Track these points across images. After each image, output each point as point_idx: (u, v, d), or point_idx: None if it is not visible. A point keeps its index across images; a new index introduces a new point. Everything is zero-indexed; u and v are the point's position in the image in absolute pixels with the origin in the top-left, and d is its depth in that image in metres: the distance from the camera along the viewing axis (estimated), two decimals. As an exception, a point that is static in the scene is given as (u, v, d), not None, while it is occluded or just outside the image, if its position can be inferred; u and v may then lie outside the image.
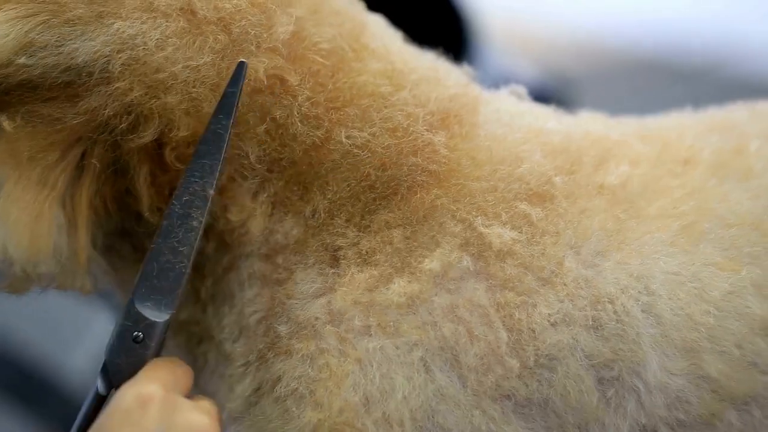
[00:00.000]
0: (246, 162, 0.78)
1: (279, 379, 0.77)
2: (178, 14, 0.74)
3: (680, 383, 0.77)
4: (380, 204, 0.78)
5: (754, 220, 0.79)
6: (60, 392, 1.98)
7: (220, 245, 0.80)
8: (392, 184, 0.78)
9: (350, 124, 0.78)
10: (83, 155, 0.75)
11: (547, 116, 0.85)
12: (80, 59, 0.73)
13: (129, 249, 0.82)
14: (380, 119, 0.79)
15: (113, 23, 0.73)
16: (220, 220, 0.79)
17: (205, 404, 0.72)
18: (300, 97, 0.77)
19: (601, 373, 0.77)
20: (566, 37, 3.81)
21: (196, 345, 0.83)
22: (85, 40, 0.73)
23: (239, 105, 0.75)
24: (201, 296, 0.82)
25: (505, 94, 0.87)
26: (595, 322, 0.77)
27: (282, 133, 0.77)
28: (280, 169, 0.78)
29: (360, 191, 0.78)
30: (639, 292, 0.77)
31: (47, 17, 0.73)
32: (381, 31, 0.83)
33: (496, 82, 0.91)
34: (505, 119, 0.82)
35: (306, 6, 0.79)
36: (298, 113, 0.77)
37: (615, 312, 0.77)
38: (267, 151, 0.78)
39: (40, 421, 1.96)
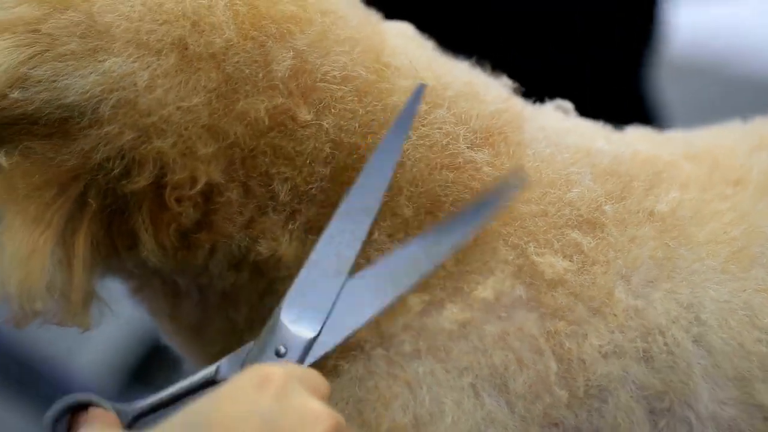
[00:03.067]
0: (274, 201, 0.76)
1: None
2: (169, 50, 0.72)
3: (732, 413, 0.76)
4: (421, 219, 0.77)
5: None
6: (68, 391, 1.97)
7: (254, 274, 0.79)
8: (431, 199, 0.77)
9: None
10: (82, 193, 0.72)
11: (595, 134, 0.84)
12: (70, 98, 0.71)
13: (158, 282, 0.81)
14: (417, 137, 0.77)
15: (105, 60, 0.71)
16: (250, 253, 0.77)
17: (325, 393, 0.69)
18: (325, 125, 0.75)
19: (653, 405, 0.76)
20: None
21: None
22: (77, 77, 0.71)
23: (410, 128, 0.76)
24: (239, 326, 0.81)
25: (550, 109, 0.85)
26: (645, 353, 0.76)
27: (310, 163, 0.76)
28: (310, 197, 0.77)
29: (395, 206, 0.77)
30: (689, 322, 0.76)
31: (41, 50, 0.71)
32: (405, 45, 0.81)
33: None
34: (553, 138, 0.81)
35: (310, 36, 0.76)
36: (326, 141, 0.75)
37: (666, 344, 0.76)
38: (294, 186, 0.76)
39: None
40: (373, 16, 0.82)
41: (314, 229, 0.77)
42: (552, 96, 0.86)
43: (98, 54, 0.71)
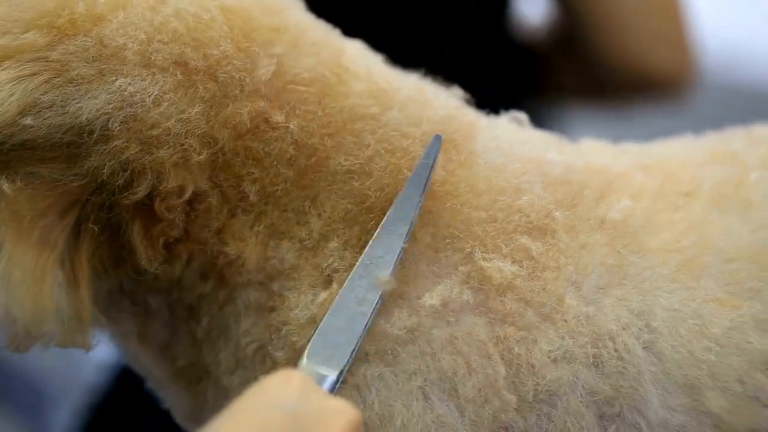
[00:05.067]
0: (244, 203, 0.78)
1: None
2: (174, 68, 0.74)
3: (682, 419, 0.77)
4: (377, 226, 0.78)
5: (754, 254, 0.79)
6: (65, 406, 1.97)
7: (217, 282, 0.80)
8: (389, 202, 0.78)
9: (346, 150, 0.78)
10: (79, 217, 0.74)
11: (548, 145, 0.85)
12: (84, 117, 0.72)
13: (128, 303, 0.82)
14: (376, 141, 0.79)
15: (115, 80, 0.73)
16: (219, 257, 0.78)
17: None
18: (291, 126, 0.77)
19: (603, 410, 0.77)
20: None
21: (195, 385, 0.83)
22: (89, 98, 0.72)
23: (430, 178, 0.77)
24: (197, 337, 0.82)
25: (504, 120, 0.86)
26: (596, 359, 0.77)
27: (276, 164, 0.77)
28: (275, 199, 0.78)
29: (357, 213, 0.78)
30: (640, 329, 0.77)
31: (51, 76, 0.72)
32: (360, 54, 0.83)
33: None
34: (505, 148, 0.82)
35: (285, 42, 0.79)
36: (291, 142, 0.77)
37: (616, 350, 0.77)
38: (261, 186, 0.78)
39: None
40: (332, 29, 0.85)
41: (276, 234, 0.78)
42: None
43: (108, 75, 0.73)
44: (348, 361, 0.74)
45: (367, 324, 0.74)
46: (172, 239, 0.77)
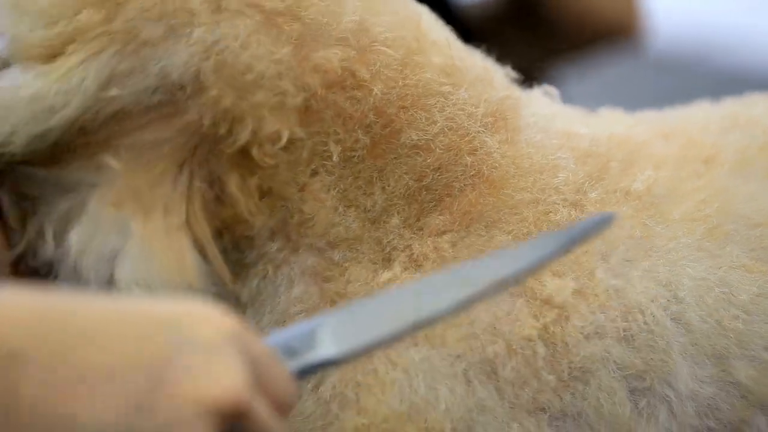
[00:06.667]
0: (328, 162, 0.75)
1: (322, 380, 0.75)
2: (249, 10, 0.72)
3: (710, 390, 0.77)
4: (434, 207, 0.77)
5: None
6: None
7: (283, 242, 0.77)
8: (446, 186, 0.77)
9: (417, 125, 0.76)
10: (190, 178, 0.72)
11: (575, 118, 0.84)
12: (174, 75, 0.71)
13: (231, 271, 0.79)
14: (444, 118, 0.77)
15: (191, 32, 0.71)
16: (294, 216, 0.76)
17: None
18: (375, 90, 0.75)
19: (633, 384, 0.76)
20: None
21: None
22: (170, 55, 0.71)
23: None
24: (242, 301, 0.79)
25: (538, 94, 0.85)
26: (626, 333, 0.76)
27: (356, 128, 0.75)
28: (351, 165, 0.76)
29: (416, 192, 0.77)
30: (668, 300, 0.77)
31: (120, 46, 0.71)
32: (434, 20, 0.81)
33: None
34: (542, 123, 0.81)
35: None
36: (372, 107, 0.75)
37: (645, 323, 0.76)
38: (343, 149, 0.75)
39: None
40: None
41: (345, 200, 0.76)
42: None
43: (180, 29, 0.71)
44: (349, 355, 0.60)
45: (399, 334, 0.61)
46: (263, 192, 0.75)
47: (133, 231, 0.71)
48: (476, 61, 0.81)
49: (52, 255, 0.73)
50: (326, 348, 0.59)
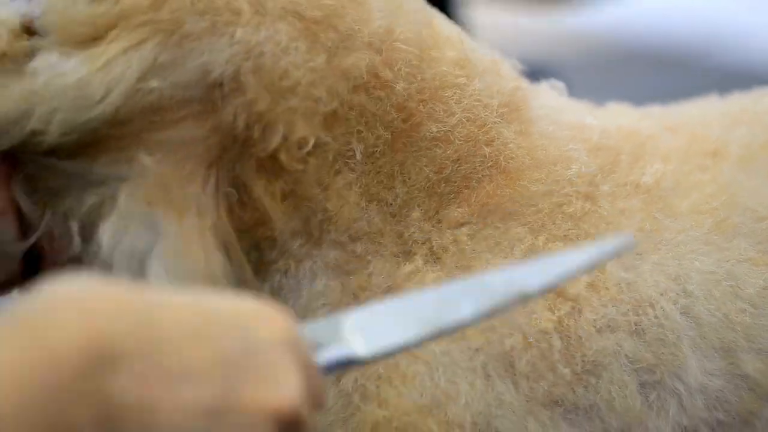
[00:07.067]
0: (351, 161, 0.75)
1: (344, 372, 0.74)
2: (291, 17, 0.71)
3: (719, 384, 0.77)
4: (453, 199, 0.77)
5: None
6: None
7: (305, 239, 0.76)
8: (465, 177, 0.77)
9: (436, 117, 0.76)
10: (218, 180, 0.71)
11: (584, 111, 0.85)
12: (215, 72, 0.69)
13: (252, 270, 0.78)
14: (461, 110, 0.77)
15: (234, 31, 0.70)
16: (317, 214, 0.76)
17: None
18: (397, 87, 0.75)
19: (644, 378, 0.76)
20: (549, 24, 3.80)
21: None
22: (213, 51, 0.69)
23: None
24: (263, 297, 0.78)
25: (546, 88, 0.85)
26: (637, 326, 0.76)
27: (378, 125, 0.75)
28: (373, 160, 0.76)
29: (436, 184, 0.77)
30: (677, 294, 0.77)
31: (164, 37, 0.68)
32: (443, 17, 0.81)
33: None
34: (553, 115, 0.81)
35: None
36: (393, 104, 0.75)
37: (656, 316, 0.76)
38: (366, 146, 0.75)
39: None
40: None
41: (367, 195, 0.76)
42: None
43: (221, 27, 0.70)
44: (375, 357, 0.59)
45: (423, 338, 0.60)
46: (286, 194, 0.74)
47: (165, 229, 0.69)
48: (483, 53, 0.81)
49: (79, 250, 0.71)
50: (355, 346, 0.58)
